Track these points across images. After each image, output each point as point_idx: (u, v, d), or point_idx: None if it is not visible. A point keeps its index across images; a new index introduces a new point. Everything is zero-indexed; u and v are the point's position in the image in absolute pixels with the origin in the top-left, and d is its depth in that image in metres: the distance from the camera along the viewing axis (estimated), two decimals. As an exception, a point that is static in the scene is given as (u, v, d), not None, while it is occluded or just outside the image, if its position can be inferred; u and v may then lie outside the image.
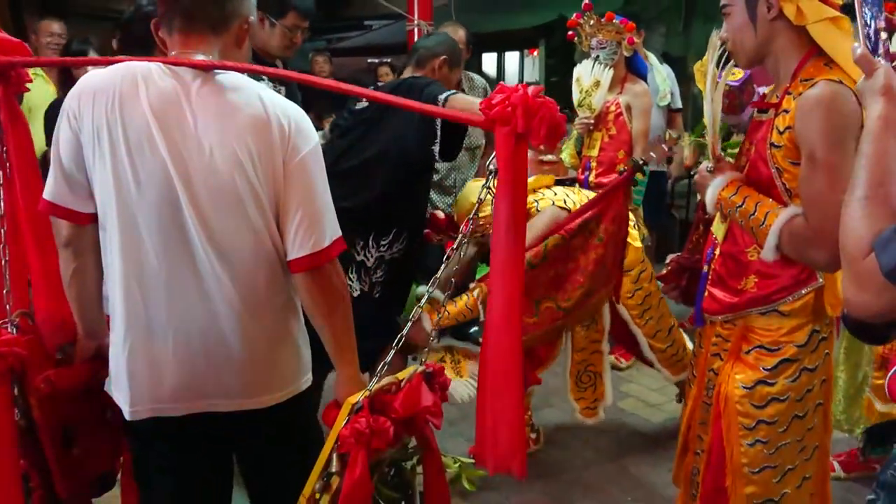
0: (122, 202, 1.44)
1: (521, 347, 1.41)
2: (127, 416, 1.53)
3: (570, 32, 3.87)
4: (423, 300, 1.53)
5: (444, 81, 2.45)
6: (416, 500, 1.64)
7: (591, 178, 3.85)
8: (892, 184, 0.99)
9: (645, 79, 3.98)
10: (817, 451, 1.88)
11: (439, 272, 1.51)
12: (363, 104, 2.43)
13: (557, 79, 9.34)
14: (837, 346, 2.94)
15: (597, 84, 3.80)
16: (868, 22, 1.10)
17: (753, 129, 1.81)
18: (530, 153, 3.34)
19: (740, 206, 1.71)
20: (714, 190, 1.78)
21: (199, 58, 1.48)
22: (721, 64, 1.83)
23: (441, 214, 2.87)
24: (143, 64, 1.46)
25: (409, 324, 1.51)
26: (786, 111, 1.65)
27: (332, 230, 1.53)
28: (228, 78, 1.48)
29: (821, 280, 1.72)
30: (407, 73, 2.57)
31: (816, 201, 1.57)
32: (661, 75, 4.98)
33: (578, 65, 3.89)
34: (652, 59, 5.02)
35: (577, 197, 2.75)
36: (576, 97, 3.89)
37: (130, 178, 1.42)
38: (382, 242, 2.43)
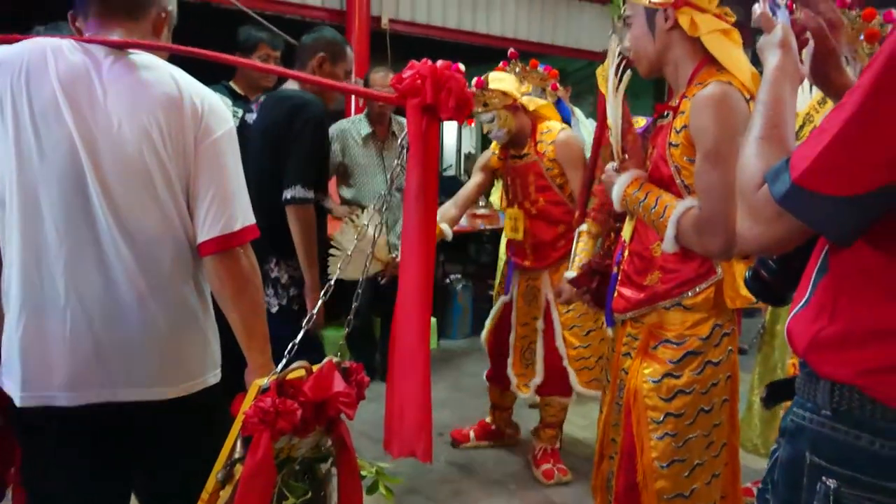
0: (23, 174, 1.40)
1: (429, 324, 1.42)
2: (17, 402, 1.44)
3: (479, 78, 4.02)
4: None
5: (330, 77, 2.51)
6: (328, 502, 1.60)
7: (521, 218, 3.95)
8: (786, 126, 1.06)
9: (569, 123, 4.13)
10: (726, 450, 1.92)
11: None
12: (253, 115, 2.51)
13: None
14: (752, 372, 3.03)
15: (523, 127, 3.93)
16: None
17: (655, 133, 1.91)
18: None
19: (643, 201, 1.79)
20: (619, 187, 1.86)
21: (115, 37, 1.48)
22: (620, 71, 1.93)
23: None
24: (54, 39, 1.45)
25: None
26: (682, 112, 1.75)
27: (243, 215, 1.52)
28: (142, 57, 1.48)
29: (720, 273, 1.80)
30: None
31: (709, 191, 1.65)
32: (587, 129, 5.21)
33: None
34: (578, 113, 5.26)
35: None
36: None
37: (34, 149, 1.39)
38: (290, 262, 2.44)
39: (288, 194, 2.34)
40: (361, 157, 3.85)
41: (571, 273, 2.68)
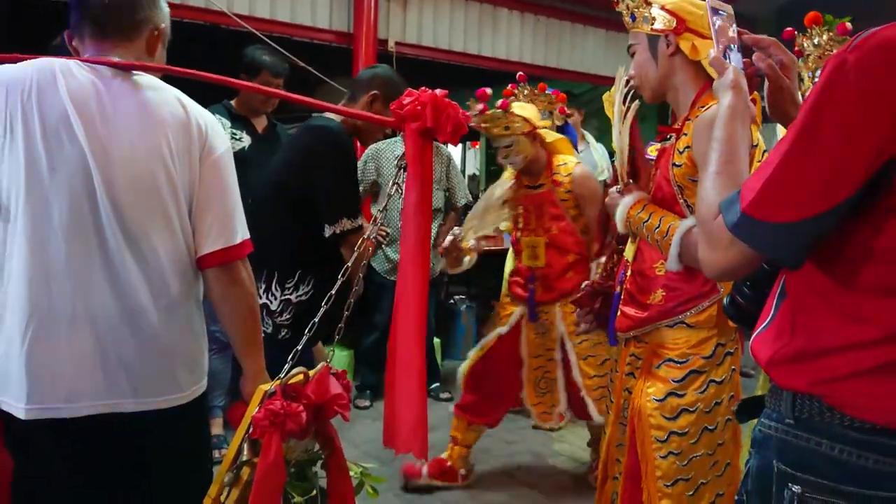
0: (32, 190, 1.41)
1: (425, 330, 1.51)
2: (21, 416, 1.43)
3: (504, 101, 4.07)
4: None
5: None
6: (318, 501, 1.63)
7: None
8: (739, 162, 1.13)
9: (575, 146, 4.18)
10: (730, 469, 1.92)
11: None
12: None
13: (496, 168, 9.85)
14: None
15: (529, 149, 3.98)
16: (717, 30, 1.26)
17: (659, 155, 1.94)
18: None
19: (646, 222, 1.82)
20: (623, 208, 1.89)
21: (116, 59, 1.50)
22: (627, 99, 1.97)
23: None
24: (61, 60, 1.47)
25: None
26: (685, 134, 1.79)
27: (242, 229, 1.59)
28: (146, 78, 1.52)
29: (722, 291, 1.82)
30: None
31: None
32: (598, 152, 5.29)
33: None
34: (589, 137, 5.34)
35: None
36: (510, 161, 4.06)
37: (44, 165, 1.41)
38: (287, 285, 2.37)
39: (336, 229, 2.28)
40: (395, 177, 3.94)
41: None
